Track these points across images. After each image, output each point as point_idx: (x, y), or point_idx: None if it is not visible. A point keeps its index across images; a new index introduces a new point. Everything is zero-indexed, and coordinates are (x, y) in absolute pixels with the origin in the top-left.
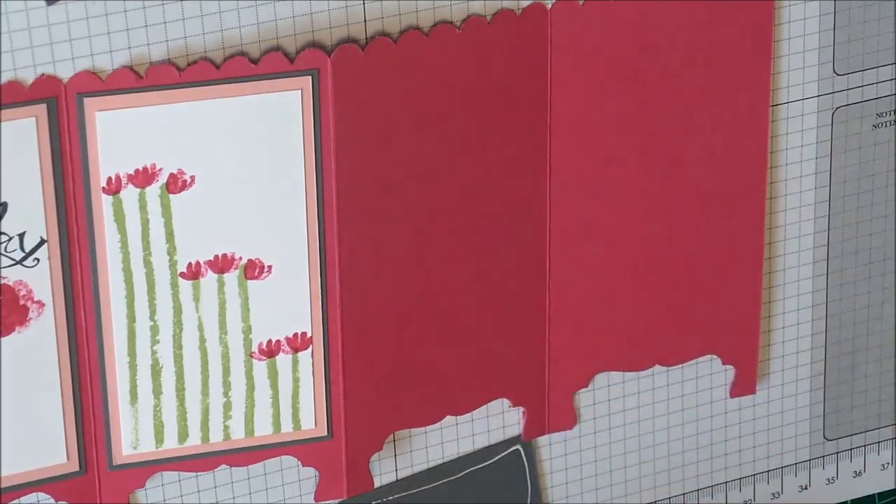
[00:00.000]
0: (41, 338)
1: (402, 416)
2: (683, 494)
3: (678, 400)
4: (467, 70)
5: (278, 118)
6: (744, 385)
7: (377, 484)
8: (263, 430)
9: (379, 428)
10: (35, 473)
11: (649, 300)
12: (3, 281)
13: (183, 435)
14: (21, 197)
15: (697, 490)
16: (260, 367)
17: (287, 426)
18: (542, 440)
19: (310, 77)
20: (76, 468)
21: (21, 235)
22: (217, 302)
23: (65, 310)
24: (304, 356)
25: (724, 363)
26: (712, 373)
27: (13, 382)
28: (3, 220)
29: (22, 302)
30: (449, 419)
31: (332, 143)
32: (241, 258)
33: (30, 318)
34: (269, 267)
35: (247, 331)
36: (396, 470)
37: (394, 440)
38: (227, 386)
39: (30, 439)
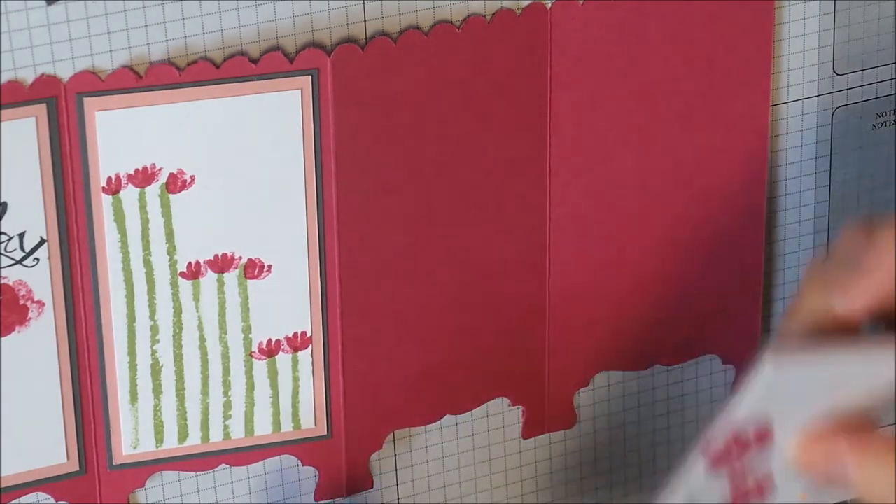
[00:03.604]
0: (41, 338)
1: (401, 415)
2: None
3: (678, 400)
4: (467, 69)
5: (278, 118)
6: None
7: (377, 484)
8: (263, 430)
9: (379, 427)
10: (35, 473)
11: (649, 300)
12: (3, 281)
13: (183, 434)
14: (21, 197)
15: None
16: (260, 366)
17: (287, 425)
18: (542, 439)
19: (309, 77)
20: (76, 468)
21: (21, 235)
22: (217, 301)
23: (65, 310)
24: (304, 355)
25: (724, 363)
26: (712, 372)
27: (13, 382)
28: (2, 220)
29: (22, 302)
30: (449, 418)
31: (331, 142)
32: (240, 258)
33: (30, 318)
34: (269, 266)
35: (246, 330)
36: (396, 470)
37: (394, 439)
38: (226, 385)
39: (30, 439)
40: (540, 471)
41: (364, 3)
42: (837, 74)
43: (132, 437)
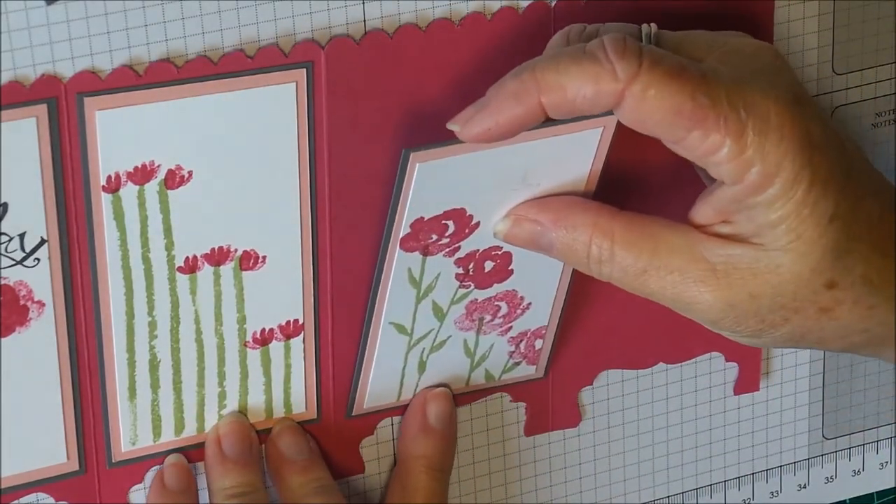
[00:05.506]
0: (41, 338)
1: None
2: (682, 493)
3: (677, 399)
4: (464, 66)
5: (273, 111)
6: (747, 383)
7: (378, 483)
8: (256, 417)
9: (370, 413)
10: (35, 473)
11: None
12: (3, 281)
13: (179, 427)
14: (22, 197)
15: (697, 489)
16: (253, 355)
17: (279, 411)
18: (542, 438)
19: (304, 70)
20: (76, 467)
21: (21, 236)
22: (213, 294)
23: (65, 309)
24: (296, 342)
25: (727, 360)
26: (711, 371)
27: (13, 383)
28: (3, 221)
29: (22, 302)
30: None
31: (325, 134)
32: (236, 250)
33: (30, 319)
34: (264, 257)
35: (241, 321)
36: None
37: (393, 438)
38: (221, 376)
39: (30, 439)
40: (540, 470)
41: (364, 4)
42: (836, 74)
43: (130, 434)
